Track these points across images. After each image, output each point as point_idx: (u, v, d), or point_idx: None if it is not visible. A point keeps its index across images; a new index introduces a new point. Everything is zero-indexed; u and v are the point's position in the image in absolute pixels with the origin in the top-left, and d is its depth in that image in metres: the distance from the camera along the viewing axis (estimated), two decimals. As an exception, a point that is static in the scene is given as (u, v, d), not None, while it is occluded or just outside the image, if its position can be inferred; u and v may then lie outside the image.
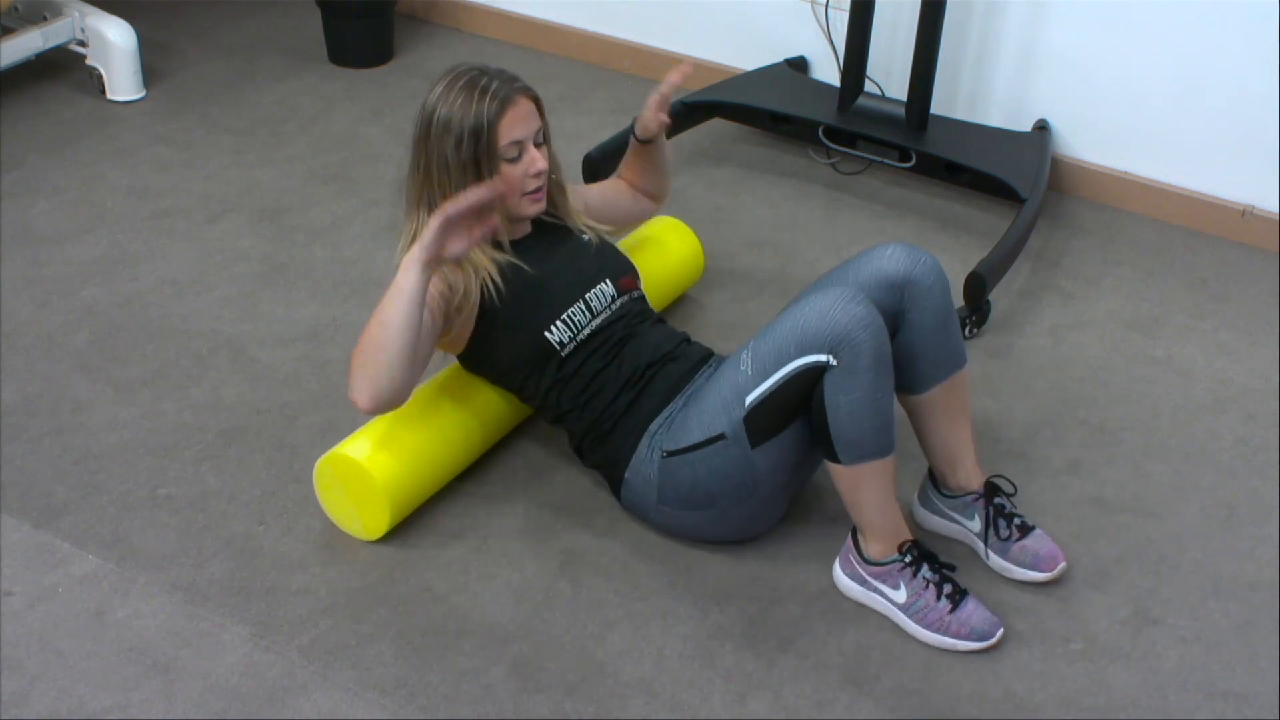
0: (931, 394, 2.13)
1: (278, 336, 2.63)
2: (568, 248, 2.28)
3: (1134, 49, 3.09)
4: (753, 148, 3.43)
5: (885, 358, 1.95)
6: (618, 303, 2.24)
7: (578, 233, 2.31)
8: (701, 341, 2.30)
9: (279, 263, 2.87)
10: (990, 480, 2.17)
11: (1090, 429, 2.50)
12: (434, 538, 2.18)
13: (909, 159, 3.10)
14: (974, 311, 2.71)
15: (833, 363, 1.93)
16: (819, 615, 2.07)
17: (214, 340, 2.61)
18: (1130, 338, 2.77)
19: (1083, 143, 3.25)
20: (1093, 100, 3.19)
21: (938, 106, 3.19)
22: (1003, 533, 2.13)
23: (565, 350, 2.16)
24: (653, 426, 2.13)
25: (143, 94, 3.50)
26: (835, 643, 2.02)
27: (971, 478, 2.17)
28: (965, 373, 2.15)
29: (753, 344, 2.03)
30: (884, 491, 2.00)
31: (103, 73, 3.44)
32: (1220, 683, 1.99)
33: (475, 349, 2.22)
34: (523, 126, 2.12)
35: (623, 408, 2.15)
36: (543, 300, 2.17)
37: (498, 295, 2.14)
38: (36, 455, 2.31)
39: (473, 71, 2.13)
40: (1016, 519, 2.14)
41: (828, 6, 3.35)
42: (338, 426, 2.36)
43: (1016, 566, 2.12)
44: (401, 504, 2.14)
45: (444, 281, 2.12)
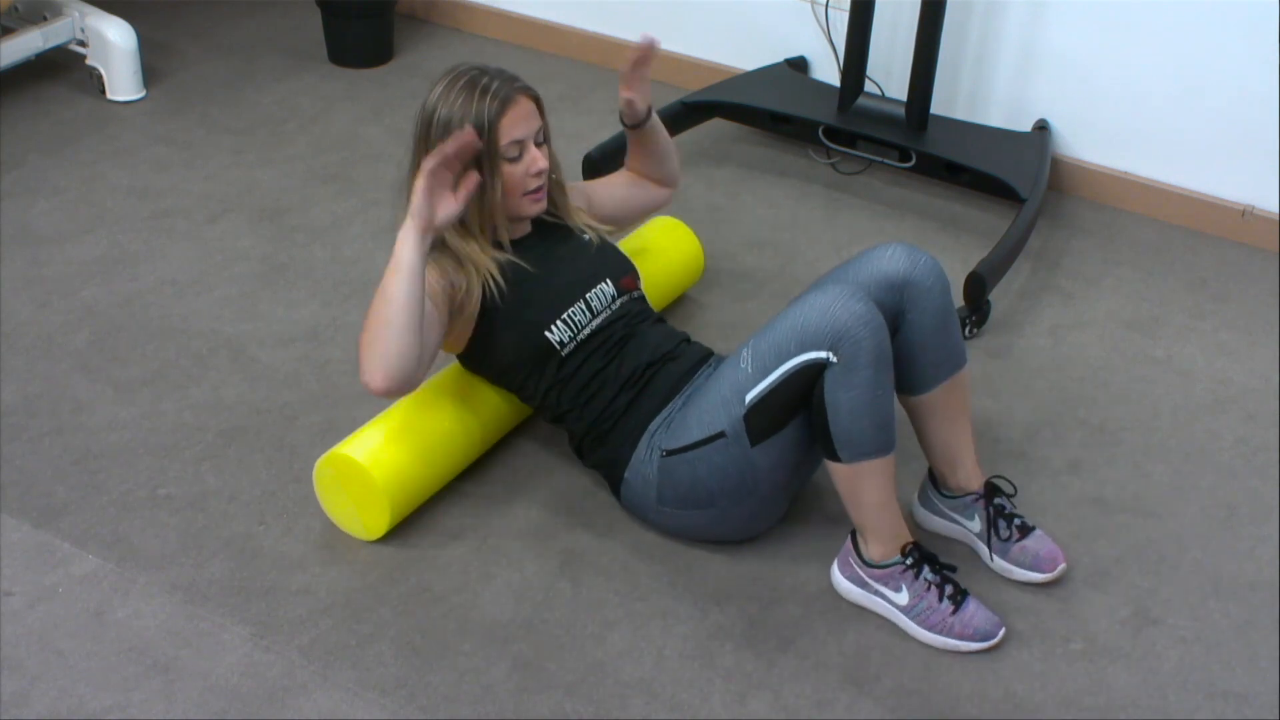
0: (931, 394, 2.13)
1: (278, 336, 2.63)
2: (568, 247, 2.27)
3: (1134, 49, 3.09)
4: (753, 148, 3.43)
5: (885, 355, 1.95)
6: (618, 302, 2.24)
7: (578, 232, 2.31)
8: (701, 341, 2.30)
9: (279, 263, 2.87)
10: (990, 481, 2.17)
11: (1090, 429, 2.50)
12: (434, 538, 2.18)
13: (909, 159, 3.10)
14: (974, 311, 2.71)
15: (833, 359, 1.93)
16: (819, 615, 2.07)
17: (214, 340, 2.61)
18: (1130, 338, 2.77)
19: (1083, 143, 3.25)
20: (1093, 100, 3.19)
21: (938, 106, 3.19)
22: (1003, 533, 2.13)
23: (565, 350, 2.16)
24: (652, 426, 2.13)
25: (143, 94, 3.50)
26: (835, 643, 2.02)
27: (971, 478, 2.17)
28: (965, 373, 2.15)
29: (753, 342, 2.03)
30: (884, 491, 2.00)
31: (103, 73, 3.44)
32: (1220, 683, 1.99)
33: (476, 348, 2.22)
34: (523, 126, 2.12)
35: (622, 407, 2.15)
36: (543, 300, 2.17)
37: (499, 293, 2.14)
38: (36, 455, 2.31)
39: (473, 71, 2.13)
40: (1016, 519, 2.14)
41: (828, 6, 3.35)
42: (338, 426, 2.36)
43: (1016, 567, 2.12)
44: (401, 504, 2.14)
45: (446, 279, 2.12)
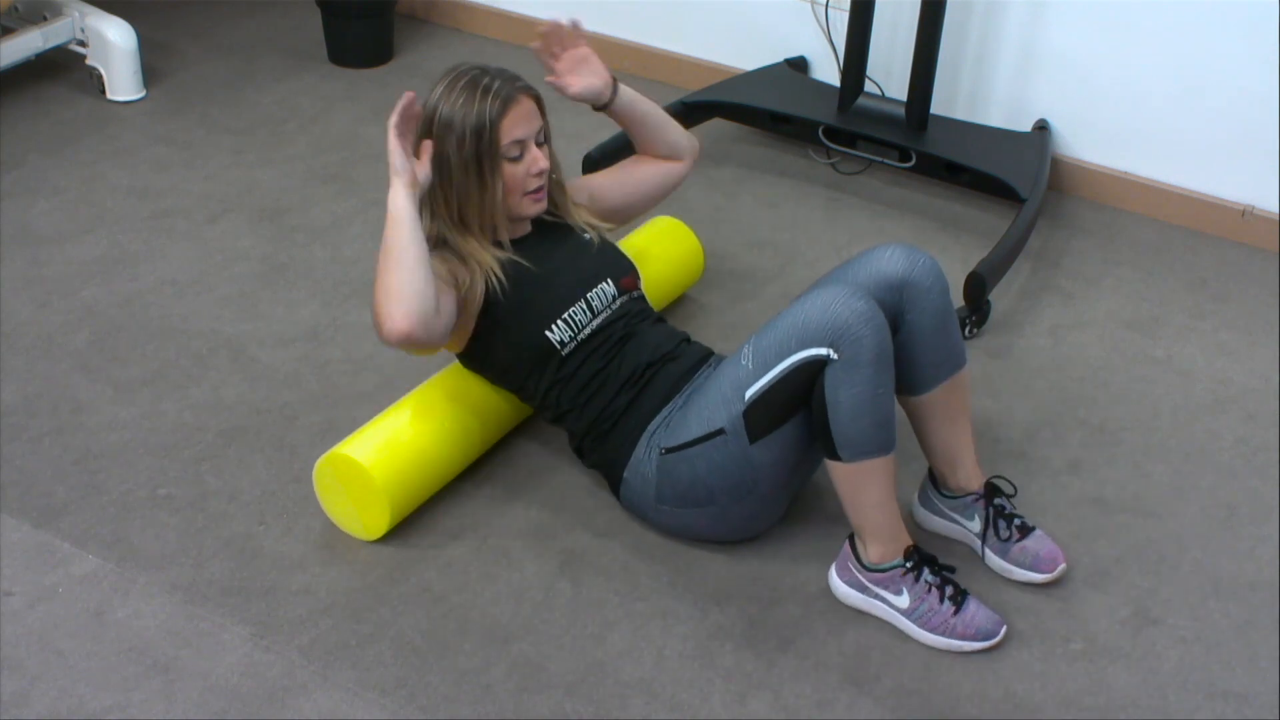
0: (931, 395, 2.13)
1: (278, 336, 2.63)
2: (569, 247, 2.27)
3: (1134, 49, 3.09)
4: (753, 148, 3.43)
5: (886, 354, 1.95)
6: (618, 302, 2.24)
7: (579, 232, 2.31)
8: (701, 341, 2.30)
9: (279, 263, 2.87)
10: (990, 481, 2.17)
11: (1090, 429, 2.50)
12: (434, 538, 2.18)
13: (909, 159, 3.09)
14: (974, 311, 2.71)
15: (834, 356, 1.93)
16: (819, 615, 2.07)
17: (214, 340, 2.61)
18: (1130, 338, 2.77)
19: (1083, 143, 3.25)
20: (1093, 100, 3.19)
21: (938, 106, 3.19)
22: (1003, 533, 2.13)
23: (566, 349, 2.16)
24: (652, 426, 2.13)
25: (143, 94, 3.50)
26: (835, 643, 2.02)
27: (972, 478, 2.17)
28: (965, 373, 2.15)
29: (754, 339, 2.03)
30: (884, 491, 2.00)
31: (103, 73, 3.44)
32: (1220, 683, 1.99)
33: (476, 347, 2.22)
34: (524, 126, 2.12)
35: (622, 407, 2.15)
36: (544, 299, 2.17)
37: (501, 289, 2.14)
38: (36, 455, 2.30)
39: (474, 71, 2.13)
40: (1016, 520, 2.14)
41: (828, 6, 3.35)
42: (338, 426, 2.36)
43: (1016, 567, 2.12)
44: (401, 504, 2.14)
45: (450, 270, 2.12)
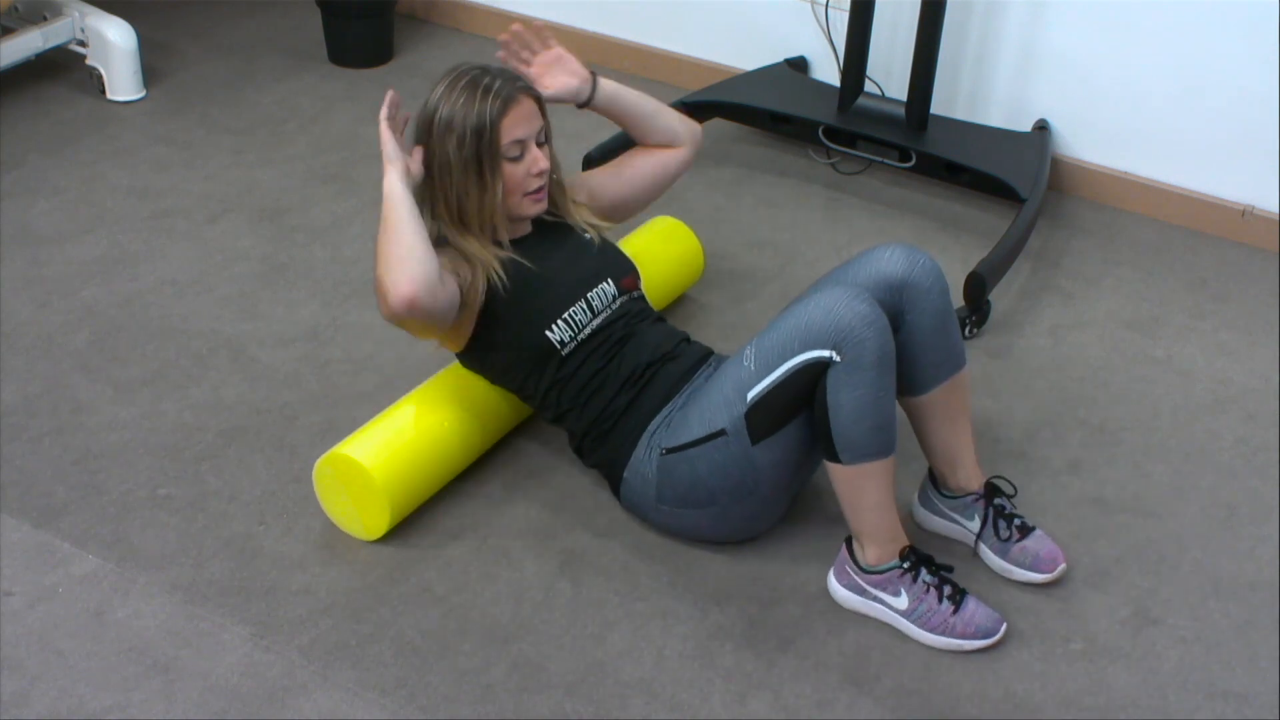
0: (931, 395, 2.13)
1: (278, 336, 2.63)
2: (570, 247, 2.27)
3: (1134, 49, 3.09)
4: (753, 148, 3.43)
5: (889, 356, 1.95)
6: (618, 302, 2.24)
7: (580, 232, 2.31)
8: (701, 341, 2.30)
9: (279, 263, 2.87)
10: (990, 481, 2.17)
11: (1090, 429, 2.50)
12: (434, 538, 2.18)
13: (909, 159, 3.09)
14: (974, 311, 2.71)
15: (836, 359, 1.93)
16: (819, 615, 2.07)
17: (214, 340, 2.61)
18: (1130, 338, 2.77)
19: (1083, 143, 3.25)
20: (1093, 100, 3.19)
21: (938, 106, 3.19)
22: (1003, 533, 2.13)
23: (566, 349, 2.16)
24: (652, 426, 2.13)
25: (143, 94, 3.50)
26: (835, 643, 2.02)
27: (971, 478, 2.17)
28: (965, 374, 2.15)
29: (756, 341, 2.03)
30: (883, 493, 1.99)
31: (103, 73, 3.44)
32: (1220, 683, 1.99)
33: (476, 347, 2.22)
34: (525, 126, 2.12)
35: (622, 407, 2.15)
36: (544, 299, 2.17)
37: (502, 286, 2.14)
38: (36, 455, 2.30)
39: (475, 71, 2.13)
40: (1016, 520, 2.14)
41: (828, 6, 3.35)
42: (338, 426, 2.36)
43: (1016, 567, 2.12)
44: (401, 504, 2.14)
45: (452, 267, 2.12)
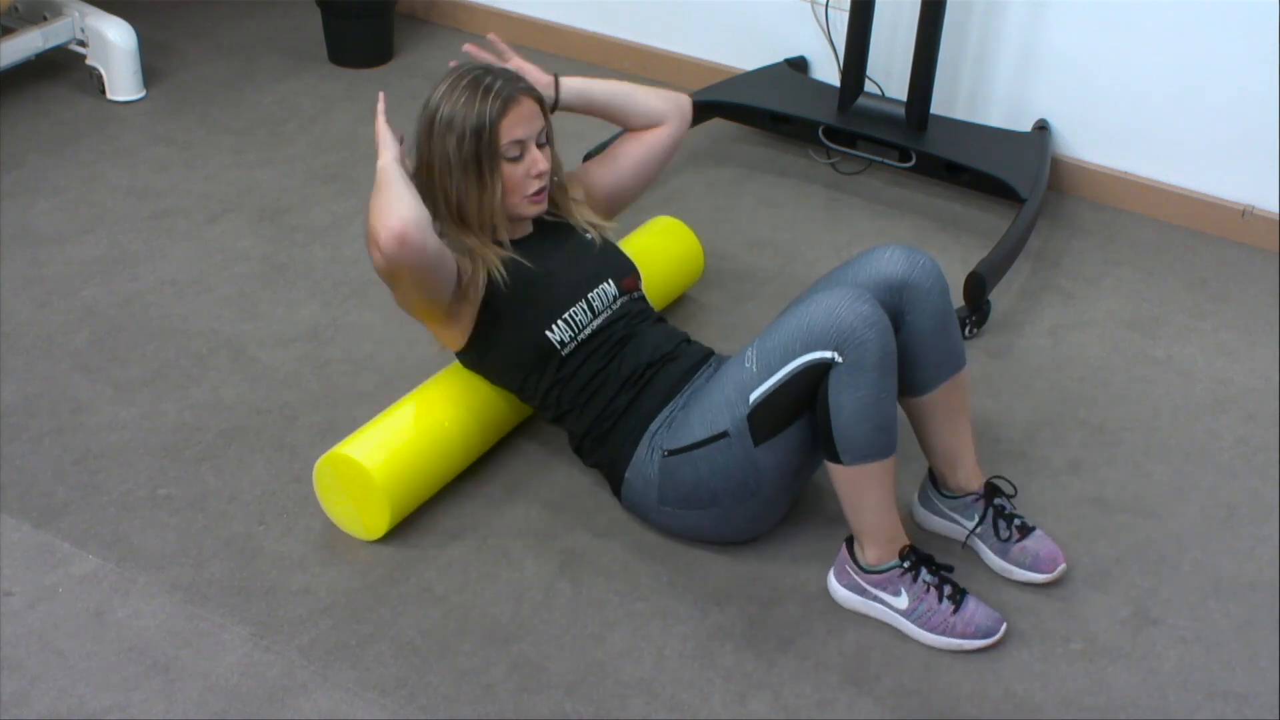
0: (931, 396, 2.13)
1: (278, 336, 2.63)
2: (571, 247, 2.27)
3: (1134, 49, 3.09)
4: (753, 148, 3.43)
5: (890, 358, 1.95)
6: (619, 302, 2.24)
7: (581, 232, 2.31)
8: (702, 341, 2.30)
9: (279, 263, 2.87)
10: (990, 481, 2.17)
11: (1090, 429, 2.50)
12: (434, 538, 2.18)
13: (909, 159, 3.09)
14: (974, 311, 2.71)
15: (838, 360, 1.93)
16: (819, 615, 2.07)
17: (214, 340, 2.61)
18: (1130, 338, 2.77)
19: (1083, 143, 3.25)
20: (1093, 100, 3.19)
21: (938, 106, 3.19)
22: (1003, 534, 2.13)
23: (566, 350, 2.16)
24: (653, 426, 2.13)
25: (143, 94, 3.50)
26: (835, 643, 2.02)
27: (972, 478, 2.17)
28: (965, 374, 2.15)
29: (757, 342, 2.03)
30: (884, 494, 2.00)
31: (103, 73, 3.44)
32: (1220, 683, 1.99)
33: (476, 346, 2.22)
34: (525, 126, 2.12)
35: (622, 407, 2.15)
36: (544, 299, 2.17)
37: (502, 282, 2.14)
38: (36, 455, 2.30)
39: (477, 71, 2.13)
40: (1016, 520, 2.14)
41: (828, 6, 3.35)
42: (338, 426, 2.36)
43: (1016, 567, 2.12)
44: (401, 504, 2.14)
45: (452, 252, 2.13)
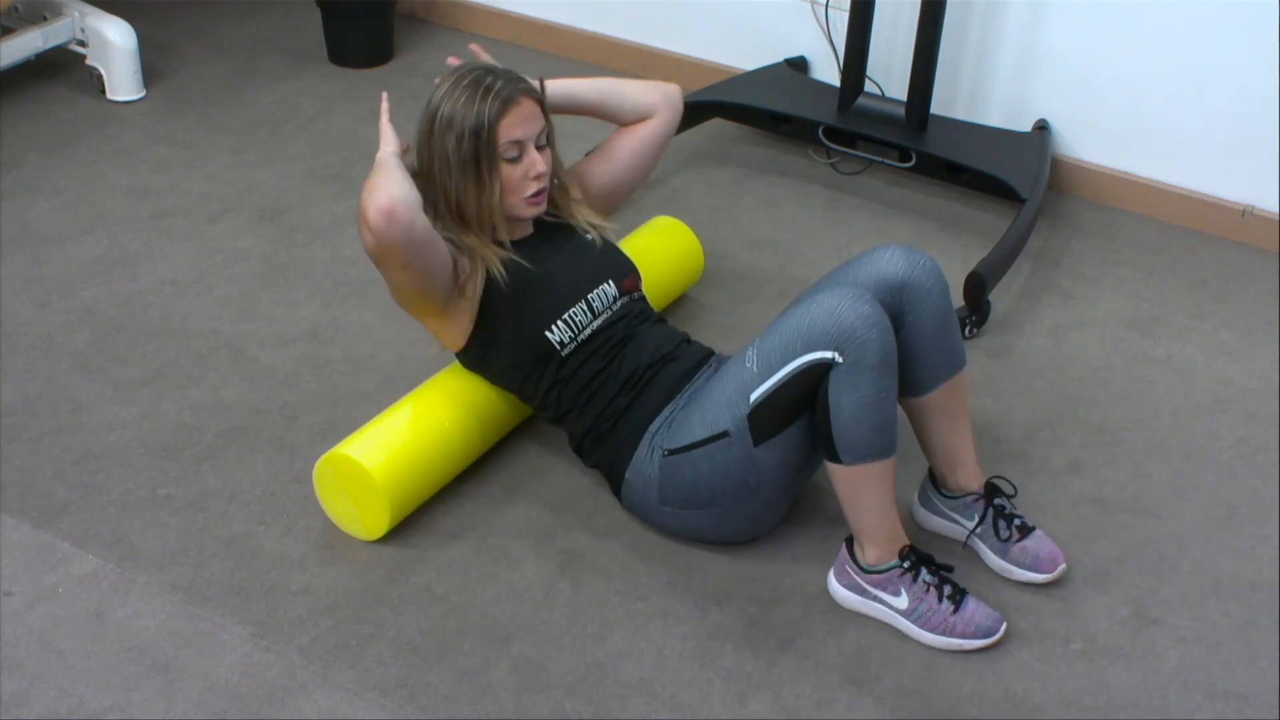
0: (931, 396, 2.13)
1: (278, 336, 2.63)
2: (571, 248, 2.28)
3: (1134, 49, 3.09)
4: (753, 148, 3.43)
5: (890, 358, 1.95)
6: (619, 303, 2.24)
7: (581, 233, 2.31)
8: (702, 341, 2.30)
9: (279, 263, 2.87)
10: (990, 481, 2.17)
11: (1090, 429, 2.50)
12: (434, 538, 2.18)
13: (909, 159, 3.09)
14: (974, 311, 2.71)
15: (838, 360, 1.93)
16: (819, 615, 2.07)
17: (214, 340, 2.61)
18: (1130, 338, 2.77)
19: (1083, 143, 3.25)
20: (1093, 100, 3.19)
21: (938, 106, 3.19)
22: (1003, 534, 2.13)
23: (565, 350, 2.16)
24: (653, 427, 2.13)
25: (143, 94, 3.50)
26: (835, 643, 2.02)
27: (972, 478, 2.17)
28: (965, 374, 2.15)
29: (758, 342, 2.03)
30: (884, 494, 2.00)
31: (103, 73, 3.44)
32: (1220, 683, 1.99)
33: (476, 346, 2.22)
34: (524, 127, 2.12)
35: (622, 408, 2.15)
36: (544, 299, 2.17)
37: (501, 282, 2.15)
38: (36, 455, 2.30)
39: (479, 71, 2.13)
40: (1017, 520, 2.14)
41: (828, 6, 3.35)
42: (338, 426, 2.36)
43: (1016, 567, 2.12)
44: (401, 504, 2.14)
45: (450, 246, 2.14)
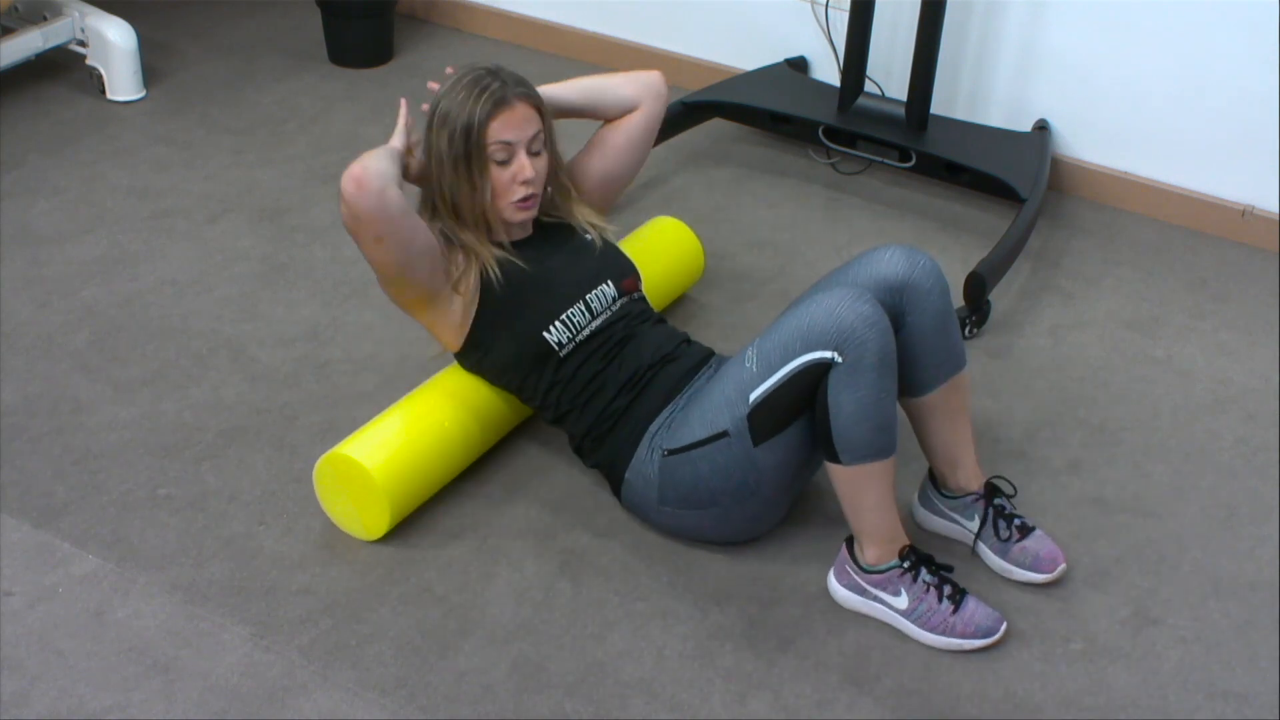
0: (931, 396, 2.13)
1: (278, 336, 2.63)
2: (570, 248, 2.28)
3: (1134, 49, 3.09)
4: (753, 148, 3.43)
5: (890, 358, 1.95)
6: (618, 304, 2.24)
7: (581, 233, 2.31)
8: (702, 341, 2.30)
9: (279, 263, 2.87)
10: (990, 481, 2.17)
11: (1090, 429, 2.50)
12: (434, 538, 2.18)
13: (909, 159, 3.09)
14: (974, 311, 2.71)
15: (838, 360, 1.93)
16: (819, 615, 2.07)
17: (214, 340, 2.61)
18: (1130, 338, 2.77)
19: (1083, 143, 3.25)
20: (1093, 100, 3.19)
21: (938, 106, 3.19)
22: (1003, 534, 2.13)
23: (564, 350, 2.16)
24: (653, 427, 2.13)
25: (143, 94, 3.50)
26: (835, 643, 2.02)
27: (972, 478, 2.17)
28: (965, 374, 2.15)
29: (758, 342, 2.03)
30: (883, 494, 2.00)
31: (103, 73, 3.44)
32: (1220, 683, 1.99)
33: (474, 347, 2.22)
34: (515, 130, 2.12)
35: (622, 408, 2.15)
36: (541, 300, 2.18)
37: (497, 282, 2.15)
38: (36, 455, 2.30)
39: (480, 71, 2.13)
40: (1016, 520, 2.14)
41: (828, 6, 3.35)
42: (338, 426, 2.36)
43: (1016, 567, 2.12)
44: (401, 504, 2.14)
45: (442, 240, 2.15)
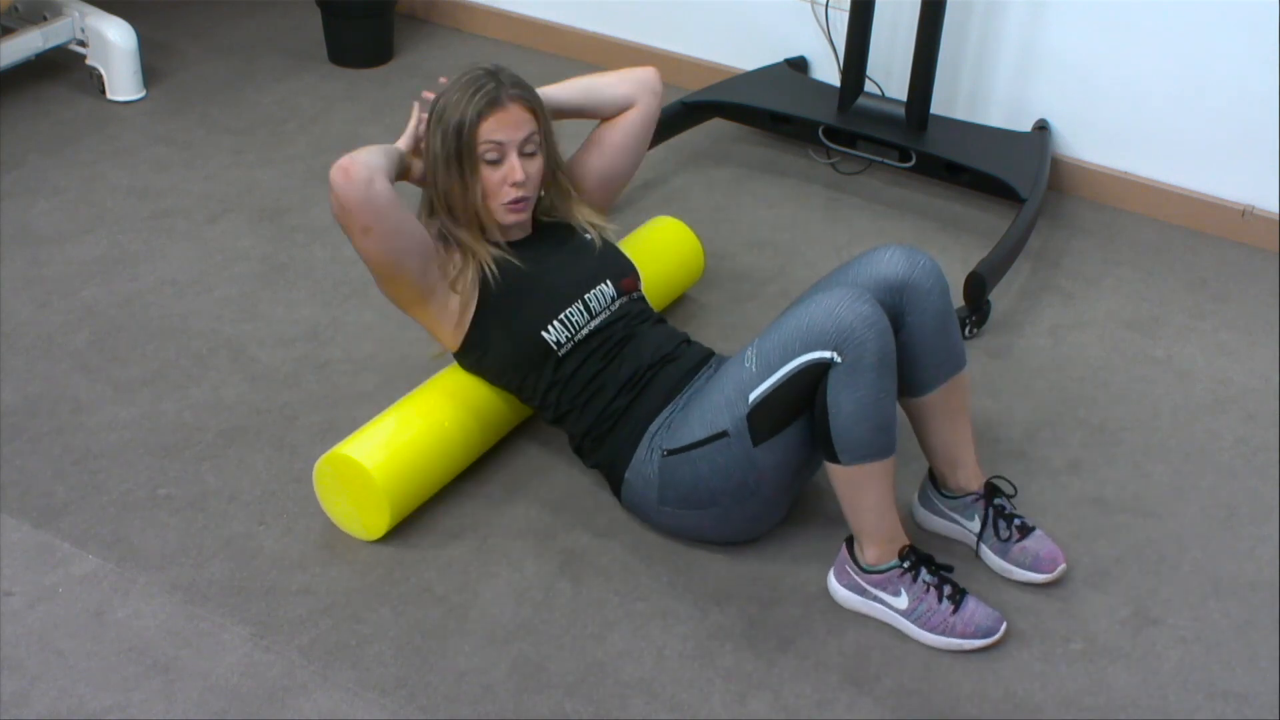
0: (931, 396, 2.13)
1: (278, 336, 2.63)
2: (569, 248, 2.28)
3: (1134, 49, 3.09)
4: (753, 148, 3.43)
5: (889, 358, 1.95)
6: (617, 304, 2.24)
7: (581, 233, 2.31)
8: (701, 341, 2.30)
9: (279, 263, 2.87)
10: (990, 481, 2.17)
11: (1090, 429, 2.50)
12: (434, 538, 2.18)
13: (909, 159, 3.09)
14: (974, 311, 2.71)
15: (837, 360, 1.93)
16: (819, 615, 2.07)
17: (214, 340, 2.61)
18: (1130, 338, 2.77)
19: (1083, 143, 3.25)
20: (1093, 100, 3.19)
21: (938, 106, 3.19)
22: (1003, 534, 2.13)
23: (562, 350, 2.16)
24: (653, 427, 2.13)
25: (143, 94, 3.50)
26: (835, 643, 2.02)
27: (972, 478, 2.17)
28: (965, 374, 2.15)
29: (757, 342, 2.03)
30: (883, 494, 1.99)
31: (103, 73, 3.44)
32: (1220, 683, 1.99)
33: (473, 347, 2.22)
34: (507, 131, 2.12)
35: (622, 408, 2.15)
36: (540, 300, 2.18)
37: (494, 281, 2.15)
38: (36, 455, 2.30)
39: (480, 71, 2.14)
40: (1016, 520, 2.14)
41: (828, 6, 3.35)
42: (338, 426, 2.36)
43: (1016, 568, 2.12)
44: (401, 504, 2.14)
45: (437, 238, 2.16)
